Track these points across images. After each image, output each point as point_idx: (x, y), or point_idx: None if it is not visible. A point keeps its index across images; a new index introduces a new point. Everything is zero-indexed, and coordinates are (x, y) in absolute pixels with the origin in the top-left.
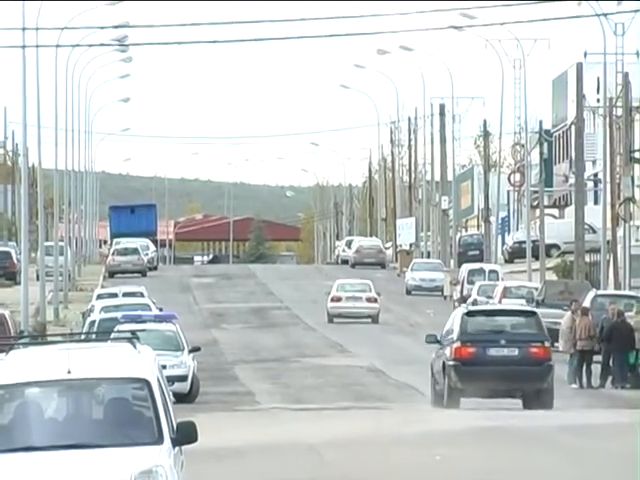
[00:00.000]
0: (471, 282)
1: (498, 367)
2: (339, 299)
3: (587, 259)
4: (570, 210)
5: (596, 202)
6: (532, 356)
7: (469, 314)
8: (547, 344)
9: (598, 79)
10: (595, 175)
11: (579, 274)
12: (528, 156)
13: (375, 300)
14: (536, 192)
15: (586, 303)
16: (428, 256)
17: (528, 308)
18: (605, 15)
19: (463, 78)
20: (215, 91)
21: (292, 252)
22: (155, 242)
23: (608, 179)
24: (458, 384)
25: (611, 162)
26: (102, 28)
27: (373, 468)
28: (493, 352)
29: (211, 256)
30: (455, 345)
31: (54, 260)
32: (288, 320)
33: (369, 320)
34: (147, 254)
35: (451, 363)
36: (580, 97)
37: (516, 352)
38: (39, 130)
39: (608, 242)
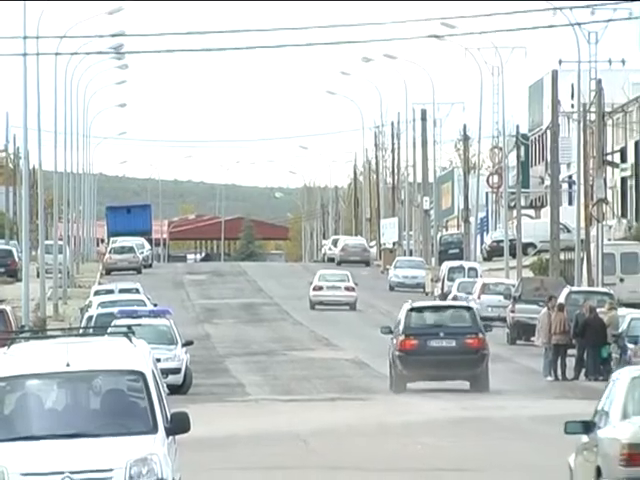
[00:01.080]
0: (451, 279)
1: (437, 356)
2: (320, 288)
3: (562, 257)
4: (546, 210)
5: (570, 203)
6: (467, 346)
7: (413, 310)
8: (481, 335)
9: (572, 86)
10: (569, 177)
11: (554, 271)
12: (506, 159)
13: (353, 289)
14: (513, 193)
15: (561, 299)
16: (410, 254)
17: (464, 304)
18: (579, 24)
19: (444, 84)
20: (207, 96)
21: (281, 250)
22: (150, 241)
23: (582, 181)
24: (403, 371)
25: (585, 165)
26: (100, 37)
27: (357, 456)
28: (433, 343)
29: (203, 254)
30: (400, 338)
31: (54, 258)
32: (277, 315)
33: (347, 307)
34: (142, 252)
35: (397, 353)
36: (555, 103)
37: (453, 343)
38: (39, 134)
39: (582, 241)
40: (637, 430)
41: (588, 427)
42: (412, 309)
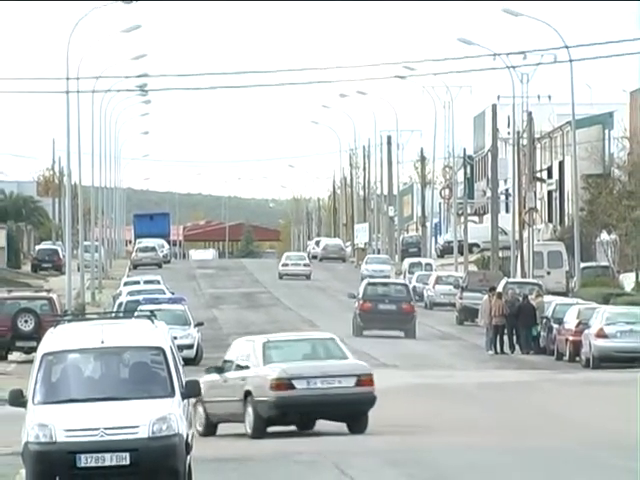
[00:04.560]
0: (411, 272)
1: (383, 315)
2: (286, 265)
3: (500, 255)
4: (487, 217)
5: (507, 211)
6: (402, 310)
7: (369, 284)
8: (412, 303)
9: (508, 117)
10: (506, 190)
11: (494, 266)
12: (455, 175)
13: (308, 265)
14: (461, 203)
15: (499, 289)
16: (378, 252)
17: (402, 281)
18: (514, 67)
19: (405, 115)
20: (215, 124)
21: (274, 249)
22: (168, 242)
23: (516, 193)
24: (361, 324)
25: (518, 180)
26: (127, 77)
27: None
28: (381, 306)
29: (214, 252)
30: (360, 302)
31: (91, 256)
32: (270, 302)
33: (304, 278)
34: (162, 251)
35: (358, 312)
36: (495, 130)
37: (394, 307)
38: (79, 156)
39: (516, 242)
40: (280, 370)
41: (220, 370)
42: (369, 284)
